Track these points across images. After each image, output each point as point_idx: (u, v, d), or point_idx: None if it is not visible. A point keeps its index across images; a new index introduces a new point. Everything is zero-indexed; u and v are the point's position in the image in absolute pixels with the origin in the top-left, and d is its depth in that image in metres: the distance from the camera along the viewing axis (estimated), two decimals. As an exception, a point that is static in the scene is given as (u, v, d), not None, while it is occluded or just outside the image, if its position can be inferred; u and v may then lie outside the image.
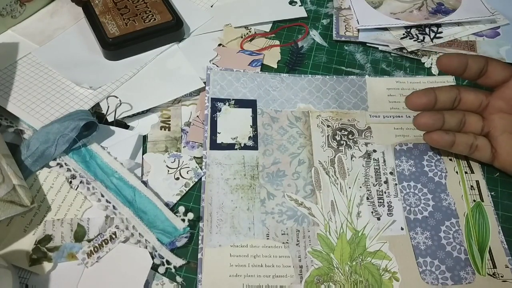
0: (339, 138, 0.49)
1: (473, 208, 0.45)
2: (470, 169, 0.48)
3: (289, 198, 0.45)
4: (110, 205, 0.43)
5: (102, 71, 0.52)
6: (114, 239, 0.41)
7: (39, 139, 0.44)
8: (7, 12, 0.54)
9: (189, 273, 0.41)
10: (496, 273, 0.42)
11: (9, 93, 0.49)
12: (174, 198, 0.45)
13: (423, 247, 0.43)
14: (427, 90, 0.44)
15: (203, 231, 0.43)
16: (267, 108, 0.50)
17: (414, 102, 0.44)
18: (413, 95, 0.44)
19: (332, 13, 0.61)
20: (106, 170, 0.45)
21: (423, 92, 0.44)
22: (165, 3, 0.56)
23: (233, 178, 0.46)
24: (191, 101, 0.52)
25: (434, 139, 0.45)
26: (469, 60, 0.44)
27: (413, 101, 0.44)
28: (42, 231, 0.41)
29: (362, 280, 0.41)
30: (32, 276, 0.39)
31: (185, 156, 0.48)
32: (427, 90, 0.44)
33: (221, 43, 0.57)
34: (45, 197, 0.43)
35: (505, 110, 0.45)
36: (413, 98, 0.44)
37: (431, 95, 0.44)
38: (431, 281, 0.41)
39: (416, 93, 0.44)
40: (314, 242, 0.43)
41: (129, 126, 0.50)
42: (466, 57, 0.44)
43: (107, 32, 0.53)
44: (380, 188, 0.46)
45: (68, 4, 0.58)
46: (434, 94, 0.44)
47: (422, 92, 0.44)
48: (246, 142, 0.48)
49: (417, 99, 0.44)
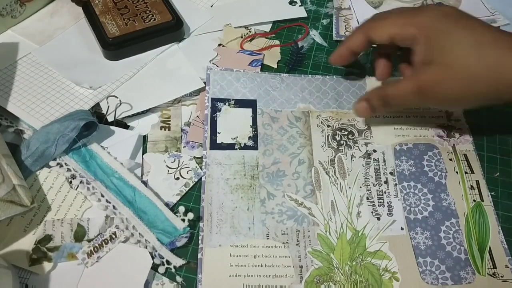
0: (339, 138, 0.49)
1: (473, 208, 0.45)
2: (470, 169, 0.48)
3: (289, 198, 0.45)
4: (110, 205, 0.43)
5: (102, 71, 0.52)
6: (114, 239, 0.41)
7: (39, 139, 0.44)
8: (7, 12, 0.54)
9: (189, 273, 0.41)
10: (496, 273, 0.42)
11: (9, 93, 0.49)
12: (174, 198, 0.45)
13: (423, 247, 0.43)
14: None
15: (203, 231, 0.43)
16: (267, 108, 0.50)
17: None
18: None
19: (332, 13, 0.61)
20: (106, 170, 0.45)
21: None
22: (165, 3, 0.56)
23: (233, 178, 0.46)
24: (191, 101, 0.52)
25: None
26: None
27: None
28: (42, 231, 0.41)
29: (362, 280, 0.41)
30: (32, 276, 0.40)
31: (185, 156, 0.48)
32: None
33: (221, 43, 0.57)
34: (45, 197, 0.43)
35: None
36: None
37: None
38: (431, 281, 0.41)
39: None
40: (314, 242, 0.43)
41: (129, 126, 0.50)
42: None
43: (107, 32, 0.53)
44: (380, 188, 0.46)
45: (68, 4, 0.57)
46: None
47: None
48: (246, 142, 0.48)
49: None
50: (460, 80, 0.41)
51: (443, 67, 0.42)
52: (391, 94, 0.45)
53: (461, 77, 0.41)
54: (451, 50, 0.41)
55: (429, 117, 0.51)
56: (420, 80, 0.43)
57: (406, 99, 0.45)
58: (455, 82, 0.41)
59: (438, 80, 0.42)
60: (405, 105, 0.48)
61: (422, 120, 0.51)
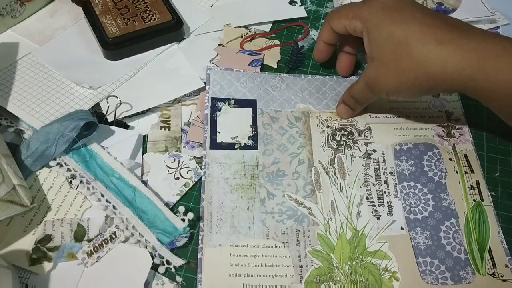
0: (339, 138, 0.49)
1: (473, 208, 0.45)
2: (470, 169, 0.48)
3: (289, 197, 0.45)
4: (110, 205, 0.43)
5: (102, 71, 0.52)
6: (114, 239, 0.41)
7: (39, 139, 0.44)
8: (7, 12, 0.54)
9: (189, 273, 0.41)
10: (496, 273, 0.42)
11: (9, 93, 0.49)
12: (174, 198, 0.45)
13: (423, 247, 0.43)
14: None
15: (203, 230, 0.43)
16: (267, 108, 0.50)
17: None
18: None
19: (332, 13, 0.61)
20: (106, 170, 0.45)
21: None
22: (165, 3, 0.56)
23: (233, 177, 0.46)
24: (191, 101, 0.52)
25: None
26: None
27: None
28: (42, 231, 0.41)
29: (362, 280, 0.41)
30: (32, 276, 0.40)
31: (185, 156, 0.48)
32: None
33: (221, 43, 0.57)
34: (45, 197, 0.43)
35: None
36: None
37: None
38: (431, 281, 0.41)
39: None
40: (314, 242, 0.43)
41: (129, 126, 0.50)
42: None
43: (107, 32, 0.53)
44: (380, 188, 0.46)
45: (68, 4, 0.57)
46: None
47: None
48: (246, 142, 0.48)
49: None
50: (393, 74, 0.42)
51: (379, 62, 0.43)
52: (354, 93, 0.48)
53: (393, 72, 0.42)
54: (384, 45, 0.42)
55: (429, 117, 0.51)
56: (366, 76, 0.46)
57: (364, 95, 0.47)
58: (390, 76, 0.43)
59: (376, 75, 0.44)
60: (369, 101, 0.48)
61: (422, 120, 0.51)
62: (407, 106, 0.52)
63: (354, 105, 0.49)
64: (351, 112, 0.50)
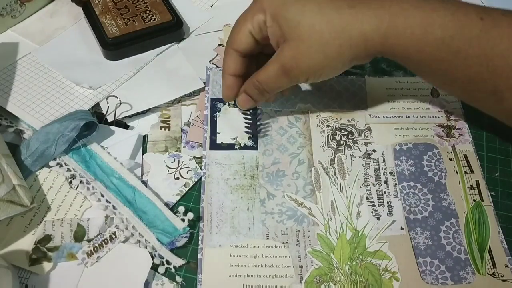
0: (339, 138, 0.49)
1: (473, 208, 0.45)
2: (470, 169, 0.48)
3: (289, 198, 0.45)
4: (110, 205, 0.43)
5: (102, 71, 0.52)
6: (114, 239, 0.41)
7: (39, 139, 0.44)
8: (7, 12, 0.54)
9: (189, 273, 0.41)
10: (496, 273, 0.42)
11: (9, 93, 0.49)
12: (174, 198, 0.45)
13: (423, 247, 0.43)
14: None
15: (203, 231, 0.43)
16: (267, 108, 0.50)
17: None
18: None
19: (332, 13, 0.61)
20: (106, 170, 0.45)
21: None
22: (165, 3, 0.56)
23: (233, 178, 0.46)
24: (191, 101, 0.52)
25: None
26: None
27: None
28: (42, 231, 0.41)
29: (362, 280, 0.41)
30: (32, 276, 0.40)
31: (185, 156, 0.48)
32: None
33: (221, 43, 0.57)
34: (45, 197, 0.43)
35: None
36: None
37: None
38: (431, 281, 0.41)
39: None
40: (314, 242, 0.43)
41: (129, 126, 0.50)
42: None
43: (107, 32, 0.53)
44: (380, 188, 0.46)
45: (68, 4, 0.57)
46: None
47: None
48: (246, 142, 0.48)
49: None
50: (317, 49, 0.40)
51: (297, 40, 0.41)
52: (262, 80, 0.44)
53: (316, 46, 0.40)
54: (299, 22, 0.40)
55: (429, 117, 0.51)
56: (281, 59, 0.42)
57: (276, 81, 0.43)
58: (314, 52, 0.41)
59: (297, 54, 0.41)
60: (279, 88, 0.45)
61: (422, 120, 0.51)
62: (407, 106, 0.52)
63: (258, 95, 0.45)
64: (252, 102, 0.46)
